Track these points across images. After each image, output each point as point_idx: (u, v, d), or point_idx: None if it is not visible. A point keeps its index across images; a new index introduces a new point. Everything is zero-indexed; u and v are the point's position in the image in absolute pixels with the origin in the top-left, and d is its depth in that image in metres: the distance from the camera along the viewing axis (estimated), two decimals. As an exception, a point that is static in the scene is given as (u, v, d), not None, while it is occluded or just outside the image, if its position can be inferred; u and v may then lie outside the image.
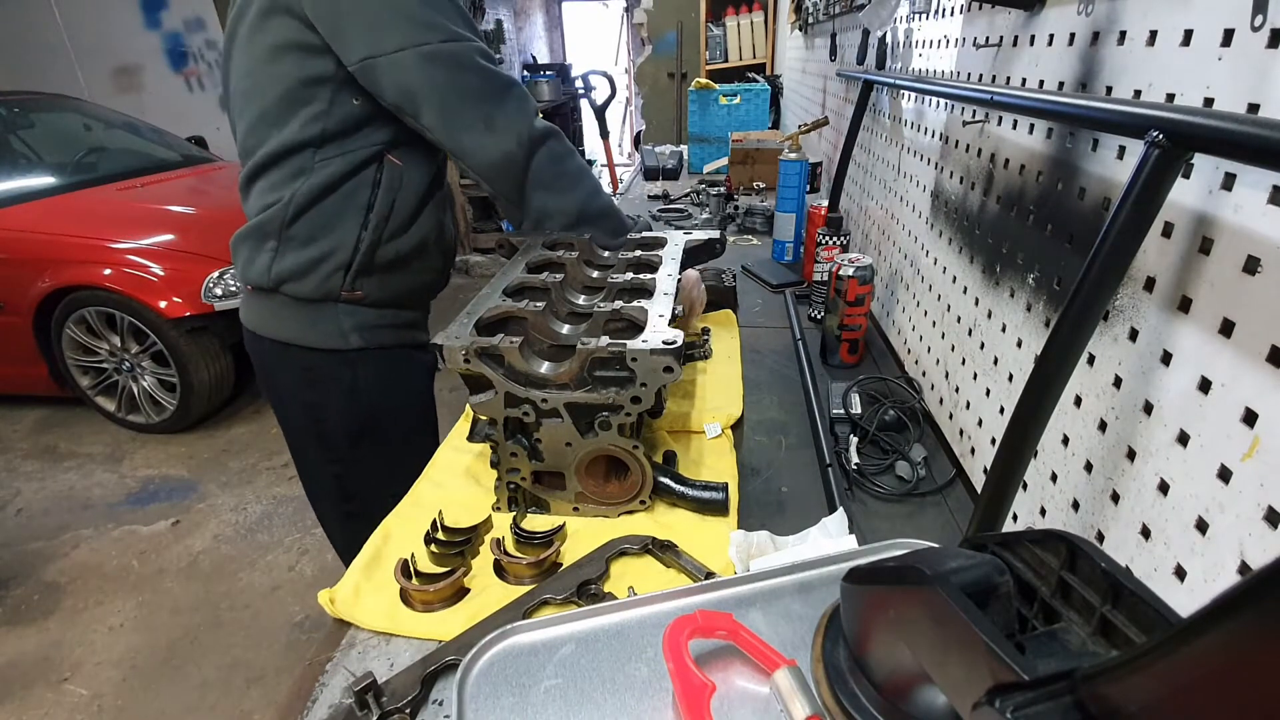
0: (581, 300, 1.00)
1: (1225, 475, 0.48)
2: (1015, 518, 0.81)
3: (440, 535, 0.84)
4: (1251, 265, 0.46)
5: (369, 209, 1.08)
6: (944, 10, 1.15)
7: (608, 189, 3.28)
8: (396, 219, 1.11)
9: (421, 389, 1.31)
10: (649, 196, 2.84)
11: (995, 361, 0.89)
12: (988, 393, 0.91)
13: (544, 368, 0.80)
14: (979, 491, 0.89)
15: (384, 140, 1.06)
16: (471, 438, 0.95)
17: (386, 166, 1.07)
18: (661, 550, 0.80)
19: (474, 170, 1.06)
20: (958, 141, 1.06)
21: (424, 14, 0.96)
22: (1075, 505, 0.69)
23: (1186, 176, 0.53)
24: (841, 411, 1.10)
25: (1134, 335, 0.60)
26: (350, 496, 1.30)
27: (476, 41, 1.01)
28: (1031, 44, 0.82)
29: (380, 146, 1.06)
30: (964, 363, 1.00)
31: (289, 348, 1.15)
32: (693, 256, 1.16)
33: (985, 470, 0.91)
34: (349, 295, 1.12)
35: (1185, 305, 0.53)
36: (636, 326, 0.82)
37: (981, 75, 0.98)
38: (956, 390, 1.03)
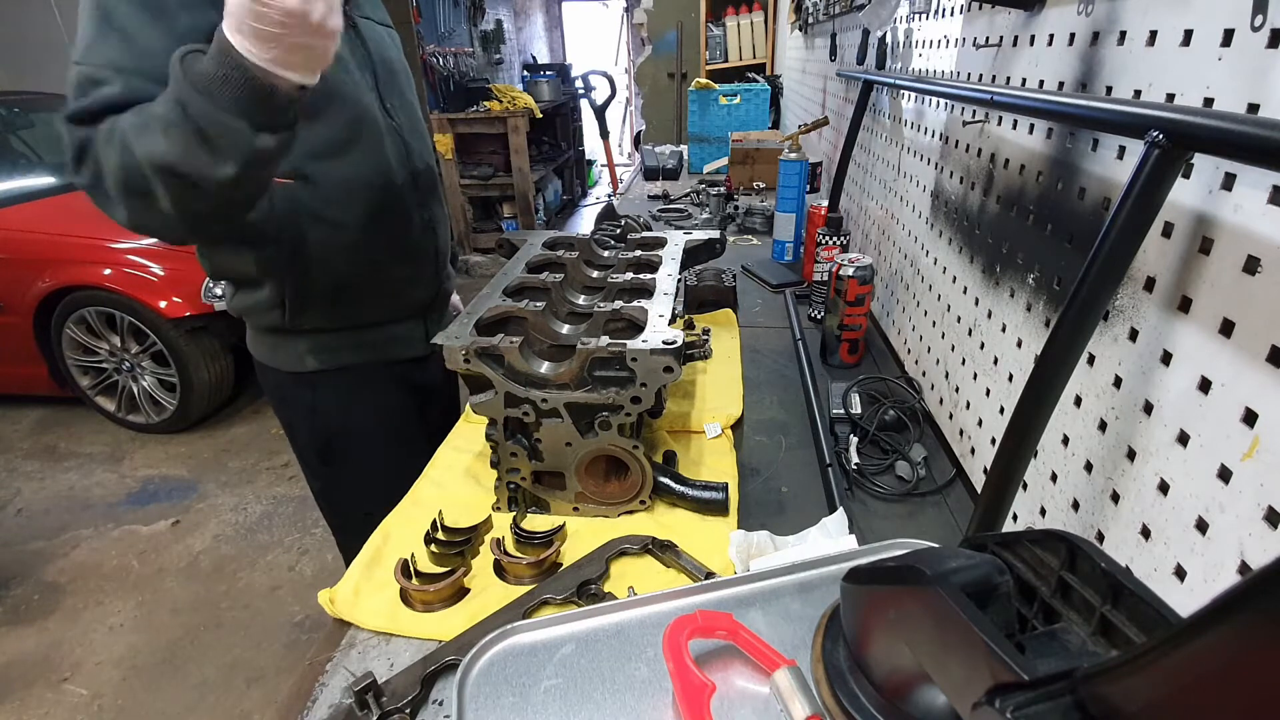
0: (581, 300, 1.00)
1: (1225, 475, 0.48)
2: (1015, 518, 0.81)
3: (440, 535, 0.84)
4: (1251, 265, 0.46)
5: (273, 241, 0.96)
6: (944, 10, 1.15)
7: (607, 189, 3.27)
8: (318, 246, 0.99)
9: (394, 405, 1.20)
10: (649, 196, 2.84)
11: (995, 361, 0.89)
12: (988, 393, 0.91)
13: (544, 368, 0.80)
14: (979, 491, 0.89)
15: None
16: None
17: (278, 189, 0.93)
18: (661, 550, 0.80)
19: None
20: (958, 141, 1.06)
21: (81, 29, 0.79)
22: (1075, 505, 0.69)
23: (1186, 176, 0.53)
24: (841, 411, 1.10)
25: (1134, 335, 0.60)
26: (332, 511, 1.30)
27: (85, 66, 0.77)
28: (1031, 44, 0.82)
29: None
30: (964, 363, 1.00)
31: (263, 367, 1.16)
32: (693, 256, 1.16)
33: (985, 470, 0.91)
34: (295, 328, 1.07)
35: (1185, 305, 0.53)
36: (636, 326, 0.82)
37: (981, 75, 0.98)
38: (956, 390, 1.03)
